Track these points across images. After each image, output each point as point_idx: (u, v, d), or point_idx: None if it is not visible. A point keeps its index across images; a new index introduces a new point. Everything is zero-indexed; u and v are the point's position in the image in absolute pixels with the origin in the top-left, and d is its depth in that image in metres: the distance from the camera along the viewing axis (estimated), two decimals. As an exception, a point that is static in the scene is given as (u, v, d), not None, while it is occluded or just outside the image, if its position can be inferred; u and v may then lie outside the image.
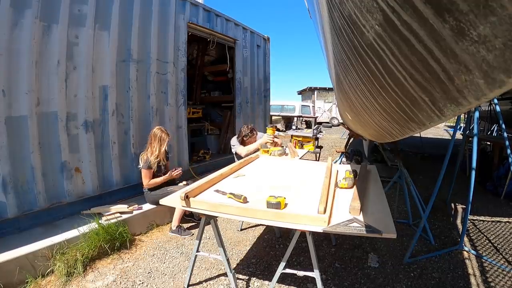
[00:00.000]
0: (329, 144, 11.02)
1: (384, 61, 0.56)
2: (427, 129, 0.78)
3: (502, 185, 5.06)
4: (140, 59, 3.89)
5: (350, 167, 2.98)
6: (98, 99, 3.42)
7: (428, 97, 0.52)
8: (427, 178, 5.96)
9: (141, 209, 3.47)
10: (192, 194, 2.05)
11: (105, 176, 3.56)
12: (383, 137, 1.36)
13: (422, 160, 8.34)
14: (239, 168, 2.92)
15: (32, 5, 2.74)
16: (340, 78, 1.20)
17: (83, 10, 3.17)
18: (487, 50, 0.31)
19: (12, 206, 2.70)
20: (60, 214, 3.08)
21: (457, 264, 2.92)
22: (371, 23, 0.48)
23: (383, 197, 2.15)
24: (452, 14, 0.32)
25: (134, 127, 3.82)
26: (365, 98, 0.98)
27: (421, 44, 0.41)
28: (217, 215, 1.97)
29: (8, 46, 2.63)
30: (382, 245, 3.26)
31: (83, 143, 3.27)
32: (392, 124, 0.92)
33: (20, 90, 2.73)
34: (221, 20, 5.59)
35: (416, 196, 3.56)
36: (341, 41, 0.80)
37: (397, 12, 0.39)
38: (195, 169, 5.03)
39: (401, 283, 2.62)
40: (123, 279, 2.58)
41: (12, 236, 2.67)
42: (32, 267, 2.45)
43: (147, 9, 3.96)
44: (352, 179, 2.38)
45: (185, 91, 4.75)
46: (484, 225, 3.92)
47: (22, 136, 2.76)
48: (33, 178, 2.83)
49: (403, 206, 4.01)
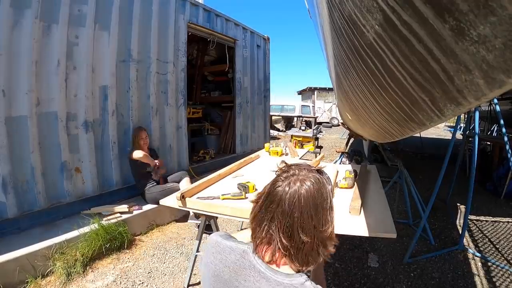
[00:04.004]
0: (329, 144, 11.02)
1: (384, 61, 0.56)
2: (427, 129, 0.78)
3: (502, 185, 5.06)
4: (140, 59, 3.89)
5: (350, 167, 2.98)
6: (98, 99, 3.42)
7: (428, 97, 0.52)
8: (427, 178, 5.96)
9: (141, 209, 3.47)
10: (189, 194, 2.05)
11: (105, 176, 3.55)
12: (383, 137, 1.36)
13: (422, 160, 8.34)
14: (238, 169, 2.92)
15: (32, 5, 2.74)
16: (340, 78, 1.20)
17: (83, 10, 3.17)
18: (487, 50, 0.31)
19: (12, 206, 2.70)
20: (60, 214, 3.08)
21: (457, 264, 2.92)
22: (371, 23, 0.48)
23: (383, 197, 2.15)
24: (452, 14, 0.32)
25: (134, 127, 3.81)
26: (365, 98, 0.98)
27: (421, 44, 0.41)
28: (212, 215, 1.97)
29: (8, 46, 2.63)
30: (382, 245, 3.26)
31: (83, 143, 3.27)
32: (392, 124, 0.92)
33: (20, 90, 2.73)
34: (221, 20, 5.59)
35: (416, 196, 3.56)
36: (341, 41, 0.80)
37: (397, 12, 0.39)
38: (195, 169, 5.03)
39: (401, 283, 2.62)
40: (123, 279, 2.58)
41: (12, 236, 2.67)
42: (32, 267, 2.45)
43: (147, 9, 3.96)
44: (352, 179, 2.38)
45: (185, 91, 4.75)
46: (484, 225, 3.92)
47: (22, 136, 2.76)
48: (33, 178, 2.83)
49: (403, 206, 4.01)
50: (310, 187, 0.76)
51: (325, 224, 0.77)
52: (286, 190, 0.76)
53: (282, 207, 0.75)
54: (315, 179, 0.78)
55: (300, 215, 0.74)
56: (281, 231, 0.75)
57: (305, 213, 0.75)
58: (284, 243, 0.74)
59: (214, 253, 0.84)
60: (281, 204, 0.75)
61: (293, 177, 0.78)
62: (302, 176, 0.78)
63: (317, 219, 0.76)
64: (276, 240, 0.75)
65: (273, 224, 0.76)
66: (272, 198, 0.78)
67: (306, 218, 0.74)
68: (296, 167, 0.81)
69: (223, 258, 0.81)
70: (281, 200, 0.76)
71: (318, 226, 0.76)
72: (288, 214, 0.74)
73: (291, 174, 0.79)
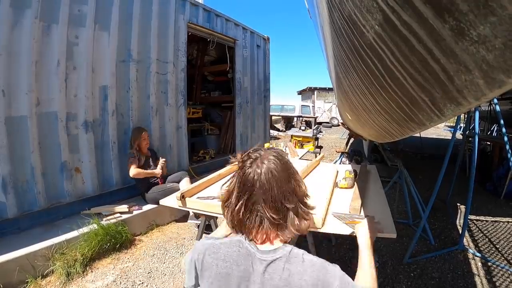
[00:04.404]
0: (329, 144, 11.02)
1: (384, 61, 0.56)
2: (427, 129, 0.78)
3: (502, 185, 5.06)
4: (140, 59, 3.89)
5: (350, 167, 2.98)
6: (98, 99, 3.42)
7: (428, 97, 0.52)
8: (427, 178, 5.96)
9: (141, 209, 3.47)
10: (189, 194, 2.05)
11: (105, 176, 3.55)
12: (383, 137, 1.36)
13: (422, 160, 8.34)
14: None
15: (32, 5, 2.74)
16: (340, 78, 1.20)
17: (83, 10, 3.17)
18: (487, 50, 0.31)
19: (12, 206, 2.70)
20: (60, 214, 3.08)
21: (457, 264, 2.92)
22: (371, 23, 0.48)
23: (383, 197, 2.14)
24: (452, 14, 0.32)
25: (134, 127, 3.81)
26: (365, 98, 0.98)
27: (421, 44, 0.41)
28: (212, 215, 1.97)
29: (8, 46, 2.63)
30: (382, 245, 3.26)
31: (83, 143, 3.27)
32: (392, 124, 0.92)
33: (20, 90, 2.73)
34: (221, 20, 5.59)
35: (416, 196, 3.56)
36: (341, 41, 0.80)
37: (397, 12, 0.39)
38: (195, 169, 5.03)
39: (401, 283, 2.62)
40: (123, 279, 2.58)
41: (12, 236, 2.67)
42: (32, 267, 2.45)
43: (147, 9, 3.96)
44: (352, 179, 2.38)
45: (185, 91, 4.75)
46: (484, 225, 3.92)
47: (22, 136, 2.76)
48: (33, 178, 2.83)
49: (403, 206, 4.01)
50: (276, 161, 0.86)
51: (299, 185, 0.88)
52: (258, 172, 0.84)
53: (262, 187, 0.83)
54: (275, 153, 0.89)
55: (279, 186, 0.83)
56: (267, 207, 0.83)
57: (282, 182, 0.84)
58: (274, 217, 0.82)
59: (211, 254, 0.87)
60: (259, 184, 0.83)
61: (258, 159, 0.86)
62: (264, 155, 0.87)
63: (292, 184, 0.86)
64: (266, 218, 0.83)
65: (259, 206, 0.83)
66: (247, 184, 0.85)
67: (285, 186, 0.84)
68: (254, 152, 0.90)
69: (222, 255, 0.85)
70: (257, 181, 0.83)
71: (296, 189, 0.87)
72: (268, 189, 0.83)
73: (254, 158, 0.87)
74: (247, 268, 0.81)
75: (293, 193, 0.86)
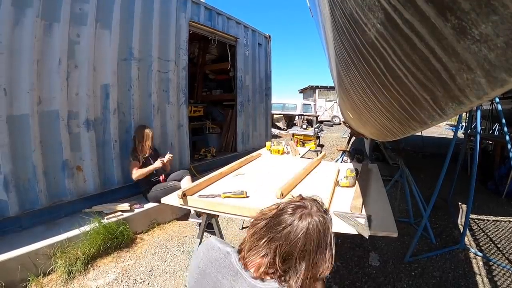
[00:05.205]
0: (330, 143, 11.00)
1: (386, 60, 0.56)
2: (428, 128, 0.78)
3: (503, 184, 5.05)
4: (141, 57, 3.89)
5: (352, 166, 2.97)
6: (99, 98, 3.43)
7: (429, 95, 0.52)
8: (428, 177, 5.95)
9: (142, 207, 3.47)
10: (190, 192, 2.05)
11: (106, 175, 3.56)
12: (385, 136, 1.36)
13: (423, 159, 8.32)
14: (239, 167, 2.92)
15: (33, 4, 2.74)
16: (341, 76, 1.20)
17: (84, 8, 3.17)
18: (489, 49, 0.31)
19: (14, 204, 2.71)
20: (61, 213, 3.09)
21: (458, 263, 2.91)
22: (373, 21, 0.48)
23: (385, 196, 2.15)
24: (453, 13, 0.32)
25: (136, 125, 3.81)
26: (366, 97, 0.98)
27: (422, 43, 0.41)
28: (213, 213, 1.97)
29: (10, 45, 2.63)
30: (383, 244, 3.26)
31: (84, 141, 3.28)
32: (394, 122, 0.92)
33: (22, 89, 2.74)
34: (222, 19, 5.58)
35: (417, 195, 3.55)
36: (342, 40, 0.79)
37: (399, 11, 0.39)
38: (196, 167, 5.04)
39: (402, 282, 2.62)
40: (124, 277, 2.59)
41: (14, 234, 2.68)
42: (34, 265, 2.46)
43: (148, 7, 3.96)
44: (353, 177, 2.38)
45: (186, 89, 4.75)
46: (485, 224, 3.92)
47: (23, 134, 2.77)
48: (35, 176, 2.84)
49: (404, 205, 4.01)
50: (317, 225, 0.81)
51: (322, 263, 0.82)
52: (295, 222, 0.81)
53: (287, 234, 0.80)
54: (323, 218, 0.84)
55: (303, 247, 0.79)
56: (278, 253, 0.79)
57: (308, 246, 0.79)
58: (276, 263, 0.79)
59: (204, 251, 0.92)
60: (287, 231, 0.80)
61: (305, 210, 0.83)
62: (312, 212, 0.83)
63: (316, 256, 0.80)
64: (270, 258, 0.80)
65: (273, 244, 0.80)
66: (278, 222, 0.82)
67: (308, 252, 0.79)
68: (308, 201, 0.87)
69: (210, 255, 0.89)
70: (287, 227, 0.80)
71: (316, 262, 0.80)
72: (292, 242, 0.79)
73: (302, 205, 0.85)
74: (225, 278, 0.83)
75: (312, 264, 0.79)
